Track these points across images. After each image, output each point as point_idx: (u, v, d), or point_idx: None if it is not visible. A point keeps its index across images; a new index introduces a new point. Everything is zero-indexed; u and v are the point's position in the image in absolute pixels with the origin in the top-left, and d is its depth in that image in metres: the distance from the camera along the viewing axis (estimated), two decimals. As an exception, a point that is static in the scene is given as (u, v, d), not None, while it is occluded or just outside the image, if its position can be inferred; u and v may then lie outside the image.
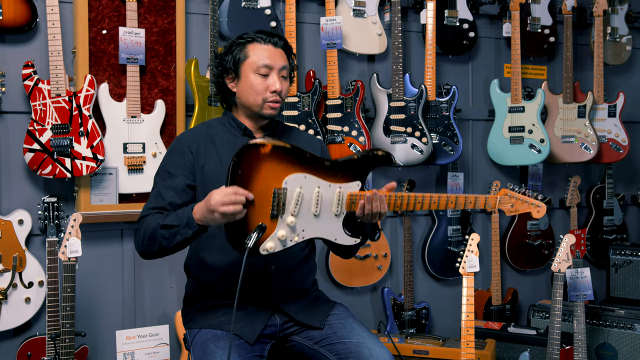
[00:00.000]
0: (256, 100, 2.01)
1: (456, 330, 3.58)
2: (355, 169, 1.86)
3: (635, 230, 4.28)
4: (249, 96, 2.02)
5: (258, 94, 2.01)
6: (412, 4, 3.53)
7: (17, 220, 2.64)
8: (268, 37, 2.03)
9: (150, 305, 3.01)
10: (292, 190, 1.77)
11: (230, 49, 2.04)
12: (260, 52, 2.01)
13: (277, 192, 1.75)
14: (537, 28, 3.75)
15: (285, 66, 2.04)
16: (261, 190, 1.74)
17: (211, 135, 2.06)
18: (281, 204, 1.76)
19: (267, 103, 2.01)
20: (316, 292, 2.18)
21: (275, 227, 1.76)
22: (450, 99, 3.38)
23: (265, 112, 2.03)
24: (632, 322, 3.20)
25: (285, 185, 1.76)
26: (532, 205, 2.06)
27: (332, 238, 1.85)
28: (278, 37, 2.05)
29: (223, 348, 1.85)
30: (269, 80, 2.00)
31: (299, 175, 1.78)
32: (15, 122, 2.72)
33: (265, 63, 1.99)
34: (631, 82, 4.25)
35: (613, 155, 3.78)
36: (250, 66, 2.01)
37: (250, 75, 2.00)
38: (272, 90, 2.00)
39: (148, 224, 1.89)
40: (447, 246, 3.54)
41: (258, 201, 1.73)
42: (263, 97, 2.00)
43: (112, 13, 2.77)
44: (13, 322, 2.65)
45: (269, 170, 1.75)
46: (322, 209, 1.82)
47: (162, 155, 2.81)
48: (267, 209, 1.75)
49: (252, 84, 2.00)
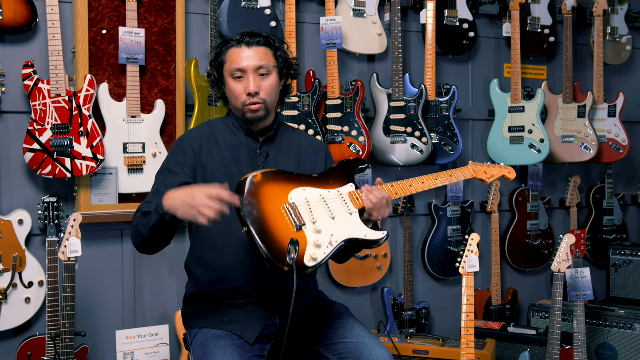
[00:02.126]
0: (237, 105, 2.03)
1: (456, 330, 3.58)
2: (340, 175, 1.97)
3: (635, 230, 4.28)
4: (232, 101, 2.05)
5: (237, 99, 2.02)
6: (412, 4, 3.53)
7: (17, 220, 2.64)
8: (242, 38, 2.01)
9: (150, 305, 3.01)
10: (300, 202, 1.84)
11: (215, 57, 2.07)
12: (233, 56, 2.01)
13: (288, 207, 1.81)
14: (537, 28, 3.75)
15: (262, 65, 2.00)
16: (272, 211, 1.79)
17: (214, 135, 2.06)
18: (298, 215, 1.80)
19: (246, 106, 2.01)
20: (316, 293, 2.18)
21: (305, 238, 1.78)
22: (450, 99, 3.38)
23: (247, 116, 2.03)
24: (632, 322, 3.20)
25: (291, 200, 1.83)
26: (502, 169, 2.30)
27: (362, 236, 1.88)
28: (251, 35, 2.02)
29: (223, 348, 1.85)
30: (244, 82, 2.00)
31: (298, 189, 1.87)
32: (15, 122, 2.72)
33: (237, 67, 2.00)
34: (631, 82, 4.25)
35: (613, 155, 3.78)
36: (227, 72, 2.03)
37: (229, 81, 2.03)
38: (248, 93, 1.99)
39: (135, 216, 1.90)
40: (447, 246, 3.54)
41: (275, 222, 1.77)
42: (242, 101, 2.01)
43: (112, 13, 2.77)
44: (13, 322, 2.65)
45: (269, 194, 1.81)
46: (335, 212, 1.87)
47: (162, 155, 2.81)
48: (287, 226, 1.78)
49: (231, 89, 2.03)
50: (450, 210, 3.53)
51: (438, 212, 3.54)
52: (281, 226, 1.77)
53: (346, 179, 1.97)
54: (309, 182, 1.91)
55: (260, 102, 2.01)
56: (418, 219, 3.61)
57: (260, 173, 1.83)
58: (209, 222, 1.65)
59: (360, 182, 3.28)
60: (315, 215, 1.82)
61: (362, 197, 1.91)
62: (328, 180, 1.94)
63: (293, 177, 1.90)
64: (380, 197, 1.90)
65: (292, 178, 1.89)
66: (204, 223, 1.66)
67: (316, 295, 2.16)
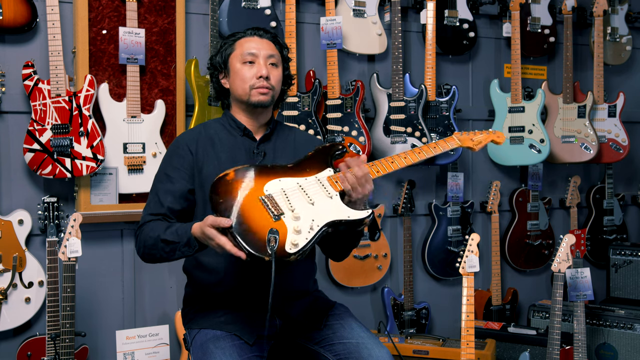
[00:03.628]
0: (244, 89, 2.02)
1: (456, 330, 3.58)
2: (317, 161, 1.94)
3: (635, 230, 4.28)
4: (238, 86, 2.04)
5: (245, 82, 2.02)
6: (412, 4, 3.53)
7: (17, 220, 2.64)
8: (254, 31, 2.07)
9: (150, 305, 3.01)
10: (277, 192, 1.81)
11: (221, 48, 2.09)
12: (246, 44, 2.04)
13: (264, 198, 1.79)
14: (537, 28, 3.75)
15: (273, 54, 2.05)
16: (249, 205, 1.76)
17: (210, 136, 2.06)
18: (275, 205, 1.78)
19: (255, 89, 2.01)
20: (316, 293, 2.18)
21: (285, 226, 1.75)
22: (450, 99, 3.38)
23: (253, 99, 2.02)
24: (632, 322, 3.20)
25: (267, 191, 1.81)
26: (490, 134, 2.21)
27: (344, 216, 1.83)
28: (264, 30, 2.08)
29: (223, 348, 1.85)
30: (256, 67, 2.02)
31: (274, 180, 1.85)
32: (15, 122, 2.72)
33: (250, 51, 2.02)
34: (631, 82, 4.25)
35: (613, 155, 3.78)
36: (236, 58, 2.04)
37: (237, 66, 2.03)
38: (259, 76, 2.01)
39: (147, 234, 1.91)
40: (447, 246, 3.54)
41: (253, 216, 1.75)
42: (250, 84, 2.01)
43: (112, 13, 2.77)
44: (13, 322, 2.65)
45: (244, 189, 1.79)
46: (314, 197, 1.84)
47: (162, 155, 2.81)
48: (266, 217, 1.75)
49: (238, 72, 2.03)
50: (450, 210, 3.53)
51: (438, 212, 3.54)
52: (259, 219, 1.74)
53: (324, 165, 1.93)
54: (284, 173, 1.88)
55: (270, 87, 2.02)
56: (418, 219, 3.61)
57: (232, 170, 1.82)
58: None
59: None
60: (293, 203, 1.80)
61: (341, 178, 1.87)
62: (304, 168, 1.91)
63: (267, 170, 1.87)
64: (360, 176, 1.84)
65: (266, 171, 1.87)
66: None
67: (316, 296, 2.16)
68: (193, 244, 1.81)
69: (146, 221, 1.97)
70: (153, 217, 1.96)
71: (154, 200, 1.99)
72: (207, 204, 1.98)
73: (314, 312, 2.06)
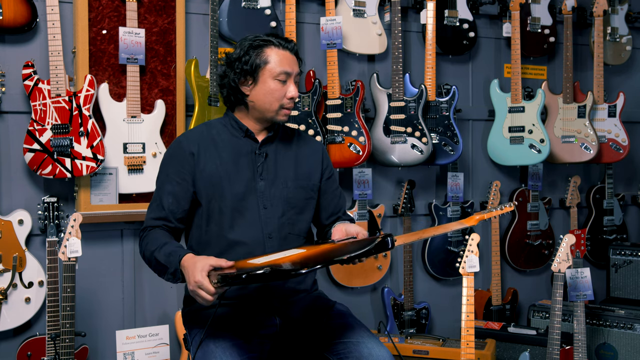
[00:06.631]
0: (272, 106, 2.01)
1: (456, 330, 3.58)
2: None
3: (635, 230, 4.28)
4: (266, 102, 2.01)
5: (277, 100, 2.01)
6: (412, 4, 3.53)
7: (17, 220, 2.64)
8: (285, 43, 2.02)
9: (150, 305, 3.01)
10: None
11: (247, 52, 2.00)
12: (279, 59, 1.99)
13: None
14: (537, 28, 3.75)
15: (299, 72, 2.06)
16: None
17: (212, 136, 2.06)
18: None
19: (283, 109, 2.02)
20: (316, 293, 2.18)
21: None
22: (450, 99, 3.38)
23: (279, 118, 2.04)
24: (632, 322, 3.20)
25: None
26: (504, 208, 2.42)
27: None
28: (290, 41, 2.05)
29: (223, 348, 1.85)
30: (287, 87, 2.01)
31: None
32: (15, 122, 2.72)
33: (285, 70, 1.99)
34: (631, 82, 4.25)
35: (613, 155, 3.78)
36: (270, 72, 1.99)
37: (269, 81, 1.99)
38: (290, 97, 2.01)
39: (146, 246, 1.94)
40: (447, 246, 3.54)
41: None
42: (280, 104, 2.01)
43: (112, 13, 2.77)
44: (13, 322, 2.65)
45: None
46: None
47: (161, 155, 2.80)
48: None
49: (271, 90, 1.99)
50: (450, 210, 3.53)
51: (438, 212, 3.54)
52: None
53: None
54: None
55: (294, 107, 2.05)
56: (418, 219, 3.61)
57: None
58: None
59: (360, 183, 3.29)
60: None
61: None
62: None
63: None
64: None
65: None
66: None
67: (316, 295, 2.16)
68: (177, 276, 1.83)
69: (148, 226, 1.99)
70: (155, 222, 1.99)
71: (157, 203, 2.01)
72: (209, 203, 1.99)
73: (314, 312, 2.06)
